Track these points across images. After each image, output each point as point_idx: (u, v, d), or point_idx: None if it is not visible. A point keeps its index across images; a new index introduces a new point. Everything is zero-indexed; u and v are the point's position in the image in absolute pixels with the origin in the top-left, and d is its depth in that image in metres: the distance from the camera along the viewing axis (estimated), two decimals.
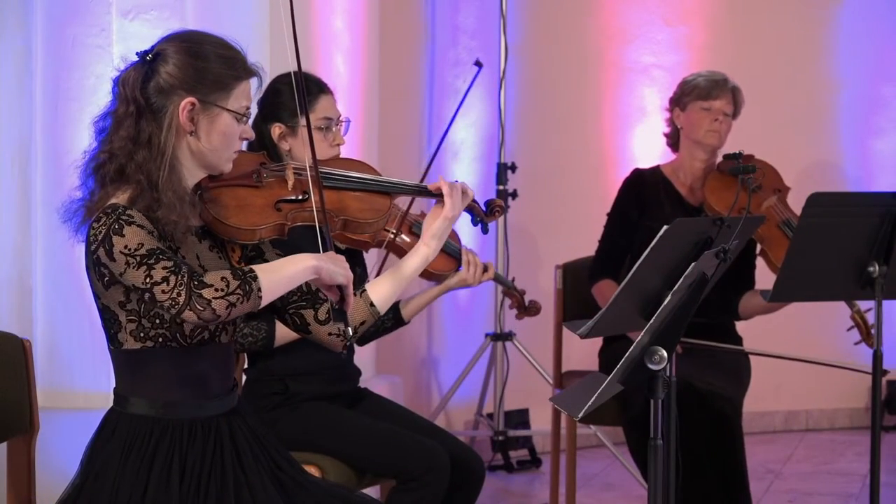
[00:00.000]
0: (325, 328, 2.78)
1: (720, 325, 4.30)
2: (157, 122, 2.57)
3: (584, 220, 4.44)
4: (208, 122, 2.60)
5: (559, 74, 6.02)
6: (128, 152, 2.56)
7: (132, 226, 2.49)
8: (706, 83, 4.27)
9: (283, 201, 2.74)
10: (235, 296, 2.46)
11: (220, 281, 2.46)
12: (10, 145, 4.10)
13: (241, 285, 2.46)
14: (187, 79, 2.57)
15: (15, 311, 4.08)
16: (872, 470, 3.50)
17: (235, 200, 2.69)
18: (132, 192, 2.55)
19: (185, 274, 2.45)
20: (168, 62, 2.58)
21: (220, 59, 2.61)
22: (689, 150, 4.31)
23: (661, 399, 2.72)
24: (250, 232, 2.68)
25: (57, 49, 4.01)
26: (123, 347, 2.60)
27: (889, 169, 6.34)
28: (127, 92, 2.58)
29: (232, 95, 2.62)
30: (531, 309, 3.82)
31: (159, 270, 2.45)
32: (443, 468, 3.32)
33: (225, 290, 2.45)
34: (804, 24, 6.33)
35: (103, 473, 2.58)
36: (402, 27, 5.56)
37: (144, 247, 2.47)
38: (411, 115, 5.64)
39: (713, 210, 4.15)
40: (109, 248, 2.48)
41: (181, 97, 2.57)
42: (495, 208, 3.35)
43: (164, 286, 2.44)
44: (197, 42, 2.63)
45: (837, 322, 4.40)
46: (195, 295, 2.44)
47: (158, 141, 2.56)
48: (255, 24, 4.18)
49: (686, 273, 2.68)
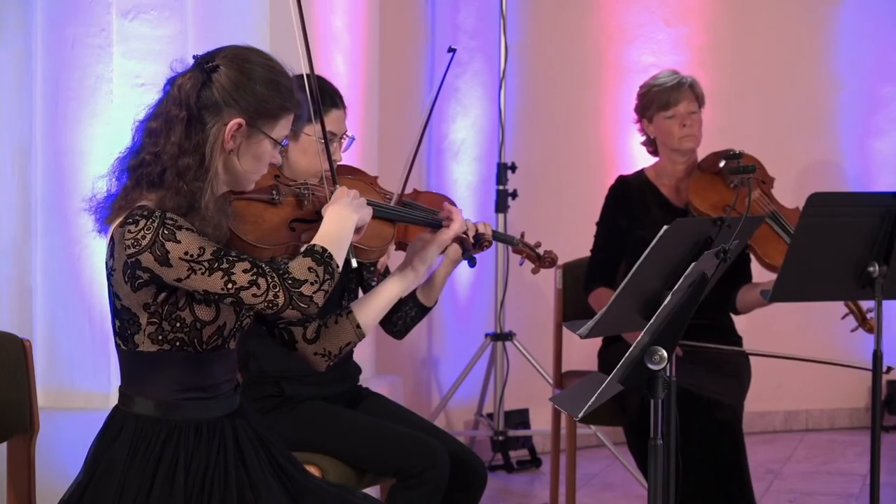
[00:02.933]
0: (311, 347, 2.81)
1: (720, 325, 4.30)
2: (204, 133, 2.56)
3: (584, 220, 4.43)
4: (249, 144, 2.60)
5: (559, 74, 6.02)
6: (173, 156, 2.54)
7: (182, 230, 2.48)
8: (662, 92, 4.26)
9: (297, 221, 2.74)
10: (326, 282, 2.51)
11: (308, 272, 2.50)
12: (10, 145, 4.10)
13: (326, 269, 2.52)
14: (239, 99, 2.56)
15: (15, 311, 4.08)
16: (872, 470, 3.50)
17: (253, 216, 2.69)
18: (164, 196, 2.53)
19: (272, 274, 2.47)
20: (227, 76, 2.57)
21: (274, 88, 2.60)
22: (668, 155, 4.32)
23: (660, 399, 2.72)
24: (267, 250, 2.67)
25: (57, 49, 4.01)
26: (138, 349, 2.59)
27: (889, 169, 6.34)
28: (182, 96, 2.56)
29: (278, 125, 2.63)
30: (546, 259, 3.56)
31: (240, 274, 2.47)
32: (442, 465, 3.32)
33: (319, 280, 2.50)
34: (804, 24, 6.33)
35: (109, 472, 2.58)
36: (402, 27, 5.56)
37: (207, 251, 2.47)
38: (411, 115, 5.63)
39: (698, 211, 4.15)
40: (163, 255, 2.47)
41: (231, 116, 2.56)
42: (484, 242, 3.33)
43: (255, 290, 2.46)
44: (258, 65, 2.61)
45: (837, 322, 4.39)
46: (295, 294, 2.47)
47: (204, 153, 2.55)
48: (255, 24, 4.17)
49: (686, 273, 2.68)
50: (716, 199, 4.16)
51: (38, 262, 4.06)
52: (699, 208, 4.15)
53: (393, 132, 5.20)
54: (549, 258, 3.54)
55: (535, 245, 3.51)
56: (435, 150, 5.77)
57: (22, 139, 4.09)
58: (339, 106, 3.47)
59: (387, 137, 5.04)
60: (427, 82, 5.76)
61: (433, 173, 5.76)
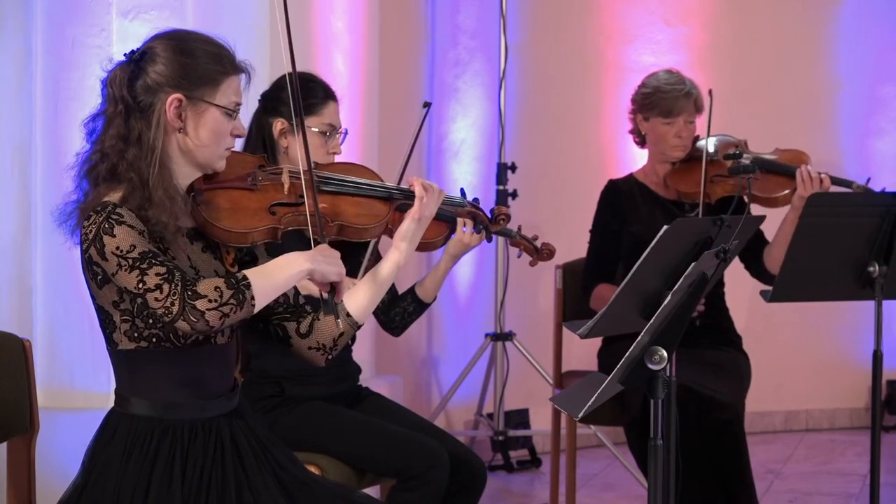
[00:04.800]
0: (305, 341, 2.75)
1: (719, 325, 4.30)
2: (146, 120, 2.57)
3: (584, 220, 4.43)
4: (196, 117, 2.60)
5: (559, 74, 6.02)
6: (118, 151, 2.56)
7: (122, 226, 2.48)
8: (667, 100, 4.25)
9: (278, 205, 2.72)
10: (229, 306, 2.45)
11: (213, 291, 2.45)
12: (10, 145, 4.10)
13: (235, 294, 2.46)
14: (174, 76, 2.57)
15: (15, 311, 4.08)
16: (872, 470, 3.50)
17: (229, 203, 2.67)
18: (124, 190, 2.55)
19: (178, 282, 2.45)
20: (156, 60, 2.58)
21: (207, 56, 2.61)
22: (655, 155, 4.34)
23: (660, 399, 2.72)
24: (242, 235, 2.66)
25: (57, 49, 4.01)
26: (119, 348, 2.60)
27: (889, 169, 6.34)
28: (114, 91, 2.58)
29: (219, 91, 2.61)
30: (544, 252, 3.54)
31: (152, 277, 2.45)
32: (442, 466, 3.32)
33: (219, 301, 2.45)
34: (804, 24, 6.33)
35: (105, 474, 2.58)
36: (402, 27, 5.56)
37: (137, 249, 2.47)
38: (411, 115, 5.63)
39: (687, 195, 4.20)
40: (101, 248, 2.48)
41: (168, 94, 2.57)
42: (500, 217, 3.33)
43: (158, 293, 2.44)
44: (185, 40, 2.62)
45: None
46: (189, 306, 2.43)
47: (148, 138, 2.56)
48: (255, 24, 4.18)
49: (686, 273, 2.68)
50: (698, 177, 4.18)
51: (38, 262, 4.06)
52: (687, 191, 4.20)
53: (393, 132, 5.19)
54: (547, 250, 3.54)
55: (533, 238, 3.51)
56: (435, 150, 5.77)
57: (22, 139, 4.09)
58: (334, 98, 3.50)
59: (387, 138, 5.04)
60: (427, 82, 5.76)
61: (433, 173, 5.76)
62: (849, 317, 6.14)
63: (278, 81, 3.48)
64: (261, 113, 3.47)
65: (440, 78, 5.80)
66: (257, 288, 2.49)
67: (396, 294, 3.65)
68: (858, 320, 5.99)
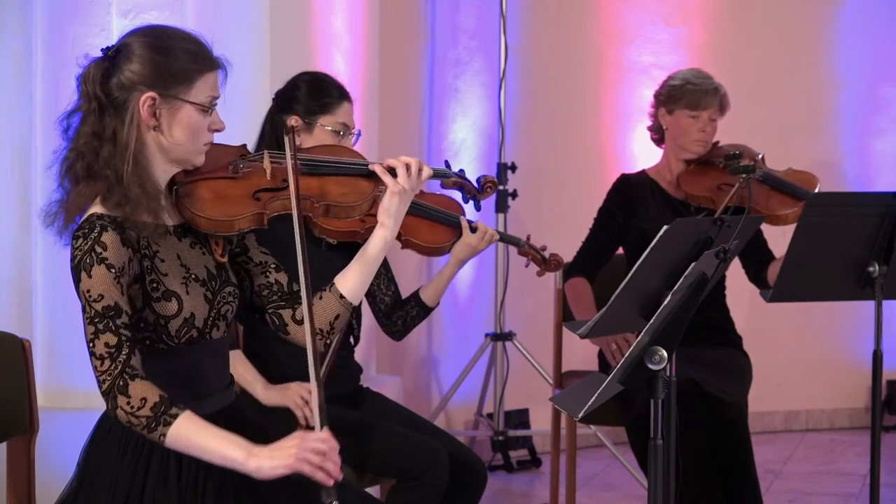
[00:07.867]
0: (301, 328, 2.71)
1: (719, 325, 4.31)
2: (120, 118, 2.55)
3: (584, 220, 4.43)
4: (170, 115, 2.57)
5: (559, 74, 6.02)
6: (93, 148, 2.54)
7: (101, 265, 2.48)
8: (696, 92, 4.26)
9: (262, 190, 2.69)
10: (139, 423, 2.44)
11: (138, 400, 2.44)
12: (10, 145, 4.10)
13: (152, 419, 2.44)
14: (149, 74, 2.54)
15: (15, 311, 4.08)
16: (872, 470, 3.50)
17: (212, 193, 2.64)
18: (102, 189, 2.53)
19: (120, 363, 2.44)
20: (131, 58, 2.56)
21: (184, 53, 2.58)
22: (673, 151, 4.33)
23: (661, 399, 2.72)
24: (228, 223, 2.63)
25: (57, 49, 4.01)
26: None
27: (889, 169, 6.35)
28: (88, 88, 2.57)
29: (194, 88, 2.58)
30: (552, 263, 3.56)
31: (101, 344, 2.46)
32: (442, 466, 3.32)
33: (133, 412, 2.44)
34: (804, 24, 6.33)
35: (100, 475, 2.57)
36: (402, 27, 5.56)
37: (102, 301, 2.47)
38: (411, 115, 5.63)
39: (694, 197, 4.20)
40: (77, 281, 2.51)
41: (142, 92, 2.54)
42: (487, 185, 3.34)
43: (98, 364, 2.45)
44: (161, 37, 2.60)
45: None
46: (114, 392, 2.44)
47: (122, 136, 2.54)
48: (255, 24, 4.18)
49: (686, 273, 2.68)
50: (709, 182, 4.18)
51: (38, 262, 4.06)
52: (695, 193, 4.20)
53: (393, 132, 5.20)
54: (555, 261, 3.56)
55: (541, 248, 3.52)
56: (435, 150, 5.77)
57: (22, 139, 4.09)
58: (349, 99, 3.51)
59: (387, 138, 5.04)
60: (427, 82, 5.76)
61: None
62: (849, 317, 6.14)
63: (293, 80, 3.49)
64: (274, 111, 3.48)
65: (440, 78, 5.80)
66: (178, 434, 2.44)
67: (400, 298, 3.65)
68: (858, 320, 5.99)
